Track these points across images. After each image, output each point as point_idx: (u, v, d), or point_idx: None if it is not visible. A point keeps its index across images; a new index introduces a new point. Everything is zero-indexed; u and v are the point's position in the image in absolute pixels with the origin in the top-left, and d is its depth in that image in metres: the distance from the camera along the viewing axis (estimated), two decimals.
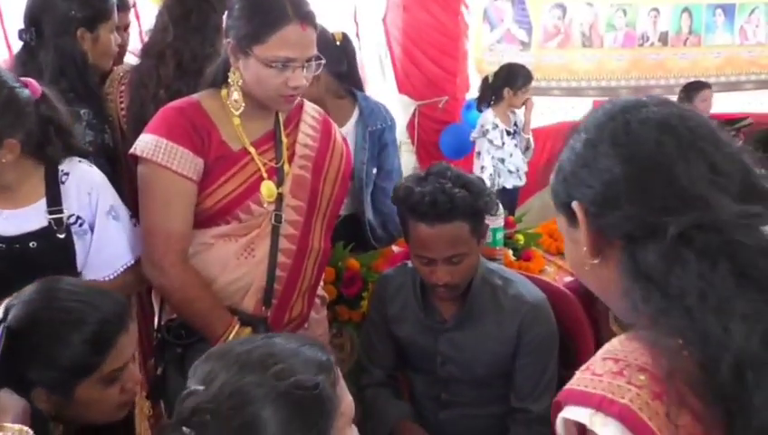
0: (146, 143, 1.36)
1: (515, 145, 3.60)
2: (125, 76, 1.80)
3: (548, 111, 4.43)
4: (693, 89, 4.01)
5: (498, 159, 3.54)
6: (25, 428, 0.87)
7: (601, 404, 0.63)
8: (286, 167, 1.45)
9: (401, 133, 4.06)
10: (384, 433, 1.54)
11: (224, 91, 1.41)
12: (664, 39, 4.68)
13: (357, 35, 3.75)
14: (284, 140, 1.46)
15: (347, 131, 2.08)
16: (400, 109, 3.92)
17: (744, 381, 0.57)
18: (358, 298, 1.88)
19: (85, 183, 1.36)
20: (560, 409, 0.69)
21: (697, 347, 0.60)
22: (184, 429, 0.78)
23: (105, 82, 1.83)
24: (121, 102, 1.79)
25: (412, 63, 3.91)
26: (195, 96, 1.44)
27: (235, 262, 1.40)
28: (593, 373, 0.66)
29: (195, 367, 0.86)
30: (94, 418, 1.09)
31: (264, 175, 1.42)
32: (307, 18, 1.32)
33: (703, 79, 4.27)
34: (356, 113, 2.13)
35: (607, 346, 0.70)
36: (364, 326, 1.75)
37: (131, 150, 1.39)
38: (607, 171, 0.70)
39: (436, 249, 1.41)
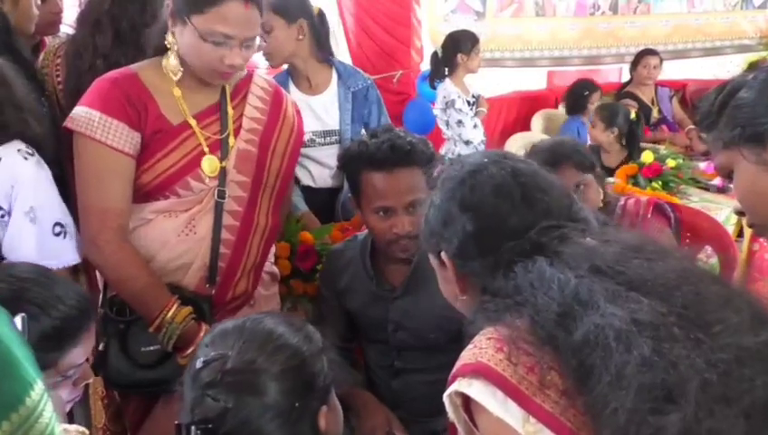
0: (79, 116, 1.31)
1: (474, 115, 3.59)
2: (60, 48, 1.72)
3: (503, 82, 4.47)
4: (640, 57, 4.10)
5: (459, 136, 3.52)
6: (83, 428, 0.84)
7: (462, 371, 0.81)
8: (231, 140, 1.41)
9: None
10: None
11: (164, 61, 1.35)
12: (614, 8, 4.74)
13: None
14: (230, 111, 1.42)
15: (330, 94, 2.10)
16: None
17: (565, 324, 0.74)
18: (312, 272, 1.87)
19: (9, 174, 1.28)
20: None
21: (529, 313, 0.77)
22: (209, 392, 0.90)
23: (39, 55, 1.75)
24: (58, 76, 1.71)
25: (365, 34, 3.88)
26: (133, 67, 1.37)
27: (175, 239, 1.37)
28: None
29: (207, 341, 0.98)
30: None
31: (206, 149, 1.37)
32: None
33: (652, 47, 4.37)
34: (335, 76, 2.14)
35: None
36: (316, 301, 1.76)
37: (65, 123, 1.33)
38: (461, 230, 0.89)
39: (396, 196, 1.41)
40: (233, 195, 1.41)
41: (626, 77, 4.45)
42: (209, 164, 1.37)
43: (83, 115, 1.30)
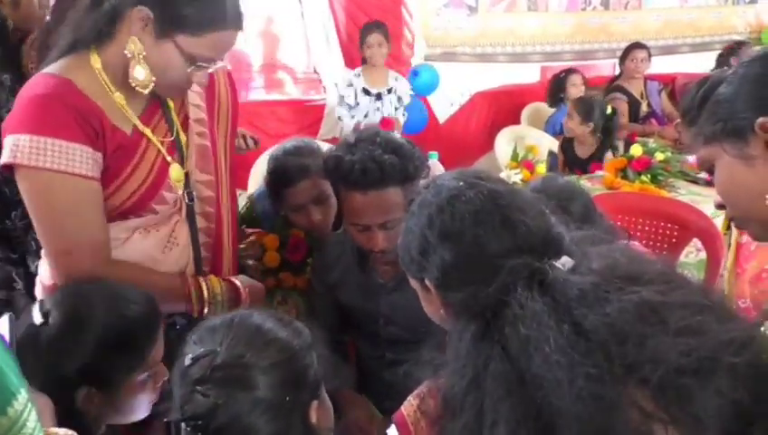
0: (25, 147, 1.07)
1: (377, 109, 3.52)
2: (36, 40, 1.70)
3: (497, 78, 4.48)
4: (628, 51, 4.11)
5: (351, 117, 3.49)
6: (72, 432, 0.84)
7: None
8: (182, 136, 1.28)
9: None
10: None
11: (94, 60, 1.16)
12: (606, 3, 4.76)
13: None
14: (171, 104, 1.28)
15: None
16: (346, 81, 3.91)
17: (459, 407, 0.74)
18: (303, 264, 1.86)
19: None
20: None
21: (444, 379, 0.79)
22: (199, 387, 0.89)
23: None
24: (32, 68, 1.67)
25: (356, 27, 3.88)
26: (56, 72, 1.14)
27: (160, 255, 1.27)
28: None
29: (195, 338, 0.96)
30: (128, 416, 1.08)
31: (168, 157, 1.24)
32: (241, 26, 1.19)
33: (643, 41, 4.39)
34: None
35: None
36: (306, 294, 1.75)
37: (3, 160, 1.10)
38: (440, 260, 0.87)
39: (371, 216, 1.40)
40: (201, 196, 1.33)
41: (619, 72, 4.47)
42: (176, 173, 1.26)
43: (32, 146, 1.08)
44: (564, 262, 0.78)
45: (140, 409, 1.09)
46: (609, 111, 3.17)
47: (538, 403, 0.67)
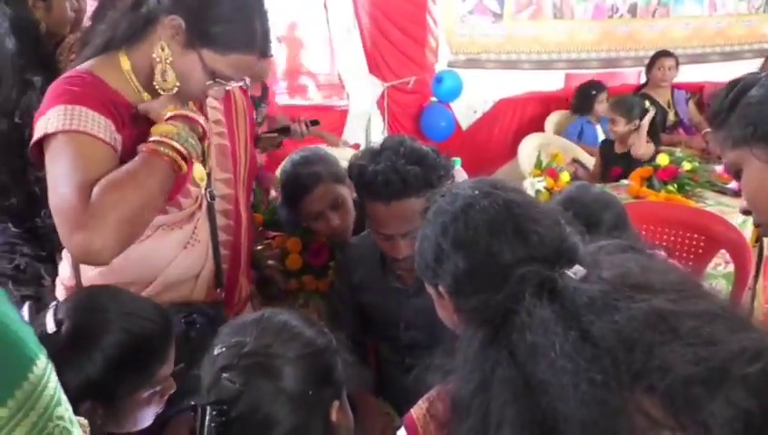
0: (57, 117, 1.08)
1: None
2: (75, 44, 1.73)
3: (521, 85, 4.46)
4: (655, 58, 4.07)
5: None
6: (83, 419, 0.84)
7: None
8: None
9: (372, 106, 4.06)
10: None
11: (123, 62, 1.19)
12: (633, 10, 4.71)
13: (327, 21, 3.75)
14: (191, 105, 1.30)
15: None
16: (370, 87, 3.93)
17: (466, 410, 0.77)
18: (325, 268, 1.87)
19: None
20: None
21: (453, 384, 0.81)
22: (225, 374, 0.92)
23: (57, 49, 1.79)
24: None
25: (380, 33, 3.90)
26: (88, 69, 1.17)
27: (183, 253, 1.29)
28: None
29: (227, 331, 0.99)
30: (131, 427, 1.08)
31: None
32: (267, 54, 1.23)
33: (670, 50, 4.33)
34: None
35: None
36: (330, 295, 1.76)
37: (37, 137, 1.09)
38: (454, 267, 0.88)
39: (393, 226, 1.41)
40: (221, 194, 1.36)
41: (645, 80, 4.42)
42: (199, 172, 1.29)
43: (62, 114, 1.09)
44: (576, 271, 0.78)
45: (144, 420, 1.09)
46: (646, 104, 3.21)
47: (543, 408, 0.68)
